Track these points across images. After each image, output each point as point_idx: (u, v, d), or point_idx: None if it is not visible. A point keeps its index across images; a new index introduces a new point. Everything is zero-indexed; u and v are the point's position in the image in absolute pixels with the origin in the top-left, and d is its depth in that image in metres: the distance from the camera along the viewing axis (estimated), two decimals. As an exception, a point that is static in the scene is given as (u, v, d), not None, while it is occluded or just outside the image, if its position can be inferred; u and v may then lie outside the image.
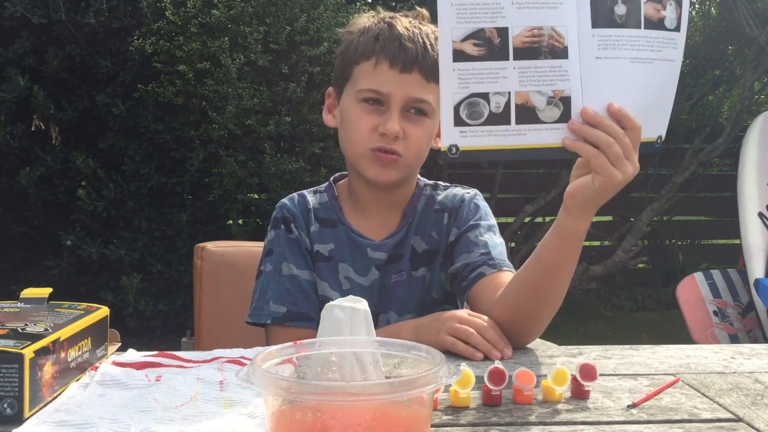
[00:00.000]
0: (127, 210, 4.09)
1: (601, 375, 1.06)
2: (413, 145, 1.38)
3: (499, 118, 1.07)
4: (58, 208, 4.13)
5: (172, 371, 1.06)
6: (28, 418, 0.88)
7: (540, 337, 1.28)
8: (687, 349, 1.26)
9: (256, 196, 4.09)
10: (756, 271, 3.83)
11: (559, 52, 1.07)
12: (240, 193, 3.91)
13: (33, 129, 3.93)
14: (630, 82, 1.09)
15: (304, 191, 1.52)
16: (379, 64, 1.36)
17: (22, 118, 3.95)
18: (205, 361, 1.11)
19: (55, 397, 0.96)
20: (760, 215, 3.98)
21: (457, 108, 1.06)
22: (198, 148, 3.94)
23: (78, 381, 1.02)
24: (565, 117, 1.08)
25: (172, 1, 3.76)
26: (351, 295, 0.96)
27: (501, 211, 3.93)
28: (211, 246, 1.74)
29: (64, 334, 0.98)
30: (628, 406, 0.97)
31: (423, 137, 1.39)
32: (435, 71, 1.36)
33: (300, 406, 0.74)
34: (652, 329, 4.93)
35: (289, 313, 1.39)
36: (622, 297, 5.67)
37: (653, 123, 1.13)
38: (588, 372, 0.99)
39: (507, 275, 1.36)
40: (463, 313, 1.26)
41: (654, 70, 1.10)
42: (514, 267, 1.38)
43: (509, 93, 1.07)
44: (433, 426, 0.89)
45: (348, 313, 0.92)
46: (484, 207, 1.50)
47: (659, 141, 1.14)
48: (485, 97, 1.06)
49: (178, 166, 4.10)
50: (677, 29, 1.11)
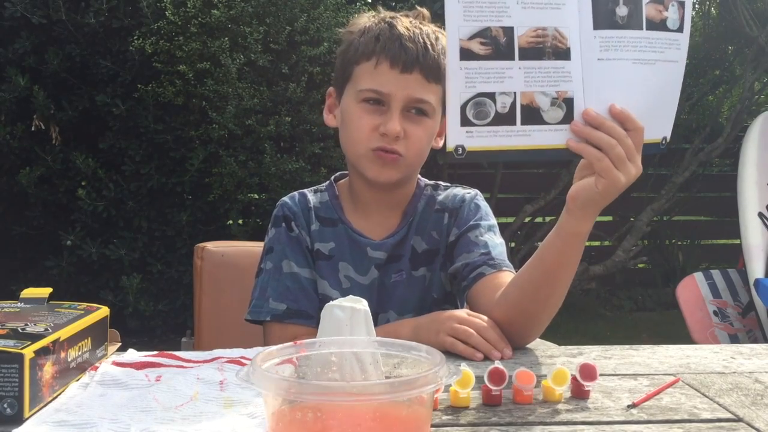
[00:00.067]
0: (127, 210, 4.09)
1: (601, 375, 1.06)
2: (414, 145, 1.38)
3: (505, 119, 1.06)
4: (58, 208, 4.13)
5: (172, 371, 1.06)
6: (28, 418, 0.88)
7: (540, 337, 1.28)
8: (687, 349, 1.26)
9: (256, 196, 4.09)
10: (756, 271, 3.83)
11: (562, 53, 1.07)
12: (240, 193, 3.91)
13: (33, 129, 3.93)
14: (632, 83, 1.08)
15: (305, 190, 1.52)
16: (380, 65, 1.36)
17: (22, 118, 3.95)
18: (205, 361, 1.11)
19: (55, 397, 0.96)
20: (760, 215, 3.98)
21: (463, 108, 1.06)
22: (198, 148, 3.94)
23: (78, 381, 1.02)
24: (568, 118, 1.08)
25: (172, 1, 3.76)
26: (351, 295, 0.96)
27: (501, 211, 3.93)
28: (211, 246, 1.74)
29: (64, 334, 0.98)
30: (628, 406, 0.97)
31: (424, 137, 1.39)
32: (435, 71, 1.37)
33: (300, 406, 0.74)
34: (652, 329, 4.93)
35: (289, 311, 1.39)
36: (622, 297, 5.67)
37: (657, 124, 1.12)
38: (588, 372, 0.99)
39: (507, 275, 1.36)
40: (462, 313, 1.26)
41: (657, 71, 1.09)
42: (515, 267, 1.38)
43: (515, 93, 1.06)
44: (433, 426, 0.89)
45: (348, 313, 0.92)
46: (485, 207, 1.50)
47: (664, 142, 1.14)
48: (492, 96, 1.06)
49: (178, 166, 4.10)
50: (680, 30, 1.10)
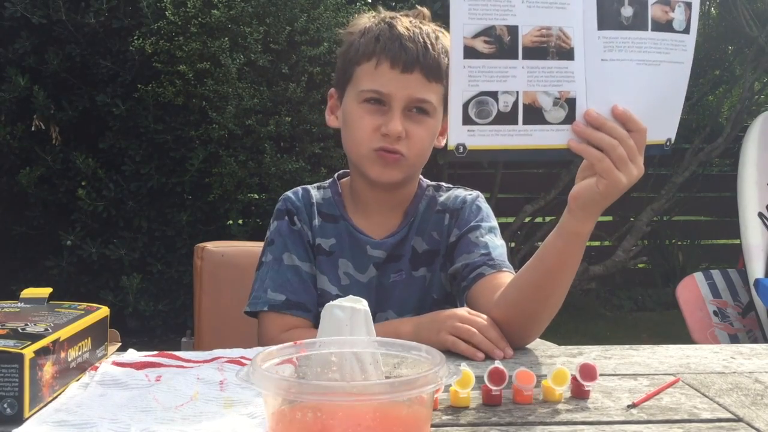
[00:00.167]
0: (127, 210, 4.08)
1: (601, 375, 1.06)
2: (416, 144, 1.38)
3: (506, 118, 1.06)
4: (58, 208, 4.13)
5: (172, 371, 1.06)
6: (28, 418, 0.88)
7: (540, 337, 1.28)
8: (687, 349, 1.26)
9: (256, 196, 4.09)
10: (756, 271, 3.83)
11: (566, 53, 1.06)
12: (240, 193, 3.90)
13: (33, 129, 3.93)
14: (636, 84, 1.08)
15: (308, 186, 1.52)
16: (380, 65, 1.36)
17: (22, 118, 3.95)
18: (205, 361, 1.11)
19: (55, 397, 0.96)
20: (760, 215, 3.97)
21: (466, 106, 1.06)
22: (198, 148, 3.93)
23: (78, 381, 1.02)
24: (570, 118, 1.07)
25: (172, 1, 3.75)
26: (351, 295, 0.96)
27: (501, 211, 3.92)
28: (211, 246, 1.74)
29: (64, 334, 0.98)
30: (628, 406, 0.97)
31: (425, 137, 1.39)
32: (436, 70, 1.36)
33: (300, 406, 0.74)
34: (652, 329, 4.93)
35: (288, 302, 1.39)
36: (622, 297, 5.67)
37: (662, 125, 1.12)
38: (588, 372, 0.99)
39: (507, 276, 1.35)
40: (463, 311, 1.26)
41: (662, 72, 1.09)
42: (515, 267, 1.38)
43: (517, 92, 1.06)
44: (433, 426, 0.89)
45: (348, 313, 0.92)
46: (486, 209, 1.50)
47: (668, 143, 1.13)
48: (494, 95, 1.06)
49: (178, 166, 4.09)
50: (686, 31, 1.09)
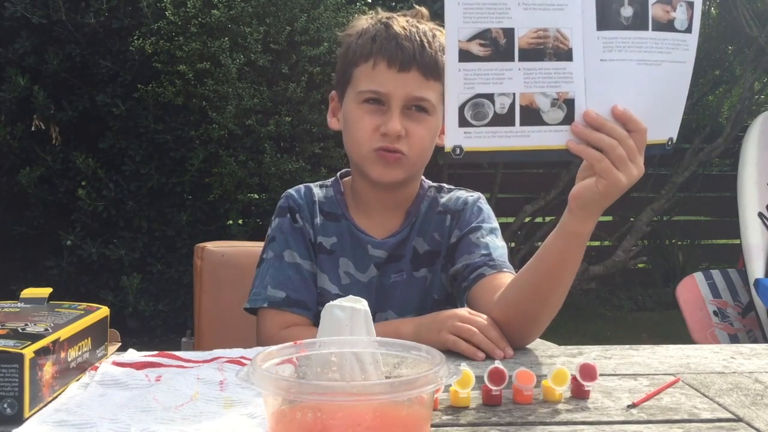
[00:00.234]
0: (127, 210, 4.08)
1: (601, 375, 1.06)
2: (416, 143, 1.38)
3: (503, 119, 1.06)
4: (58, 208, 4.13)
5: (172, 371, 1.06)
6: (28, 418, 0.88)
7: (540, 337, 1.28)
8: (687, 349, 1.26)
9: (256, 196, 4.09)
10: (756, 271, 3.83)
11: (564, 54, 1.06)
12: (240, 193, 3.90)
13: (33, 129, 3.93)
14: (636, 84, 1.08)
15: (310, 184, 1.52)
16: (378, 65, 1.36)
17: (22, 118, 3.95)
18: (205, 361, 1.11)
19: (55, 397, 0.96)
20: (760, 215, 3.97)
21: (461, 109, 1.06)
22: (198, 148, 3.93)
23: (78, 381, 1.02)
24: (569, 119, 1.07)
25: (172, 1, 3.75)
26: (351, 295, 0.96)
27: (501, 211, 3.91)
28: (211, 246, 1.74)
29: (64, 334, 0.98)
30: (628, 406, 0.97)
31: (426, 135, 1.39)
32: (434, 69, 1.36)
33: (300, 406, 0.74)
34: (652, 329, 4.93)
35: (288, 299, 1.39)
36: (622, 297, 5.67)
37: (664, 125, 1.12)
38: (588, 372, 0.99)
39: (507, 277, 1.35)
40: (464, 311, 1.26)
41: (663, 71, 1.08)
42: (515, 267, 1.38)
43: (514, 94, 1.06)
44: (433, 426, 0.89)
45: (348, 313, 0.92)
46: (487, 210, 1.50)
47: (670, 143, 1.13)
48: (490, 97, 1.06)
49: (178, 166, 4.09)
50: (688, 30, 1.09)
